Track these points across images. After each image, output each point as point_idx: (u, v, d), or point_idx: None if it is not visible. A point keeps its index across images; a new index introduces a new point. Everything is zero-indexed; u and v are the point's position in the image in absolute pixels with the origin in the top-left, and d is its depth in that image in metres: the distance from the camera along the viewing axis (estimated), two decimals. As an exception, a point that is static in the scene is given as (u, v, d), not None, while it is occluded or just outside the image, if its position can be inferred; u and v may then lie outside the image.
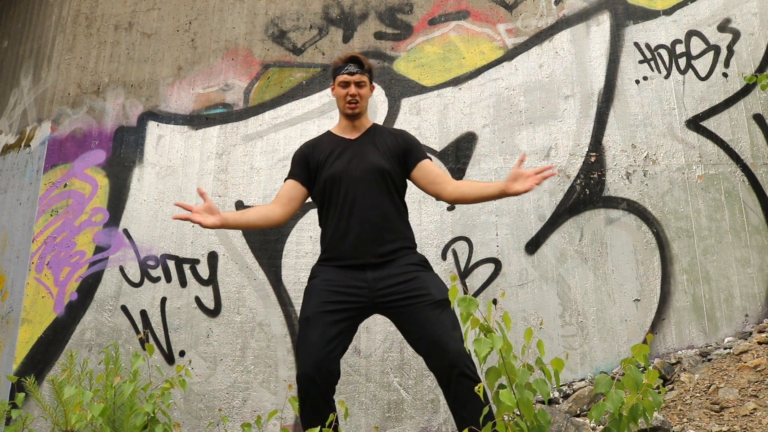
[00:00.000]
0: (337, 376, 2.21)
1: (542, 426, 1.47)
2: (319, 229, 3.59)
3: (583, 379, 3.35)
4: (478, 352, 1.50)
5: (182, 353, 3.64)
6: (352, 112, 2.50)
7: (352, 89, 2.48)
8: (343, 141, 2.53)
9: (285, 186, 2.58)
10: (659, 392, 1.53)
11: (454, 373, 2.08)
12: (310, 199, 2.65)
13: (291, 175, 2.57)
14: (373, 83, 2.63)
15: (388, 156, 2.47)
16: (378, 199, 2.39)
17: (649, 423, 1.50)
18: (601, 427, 2.66)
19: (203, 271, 3.75)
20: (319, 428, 1.80)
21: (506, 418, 1.53)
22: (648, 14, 3.90)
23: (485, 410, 1.69)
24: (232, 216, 2.46)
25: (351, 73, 2.48)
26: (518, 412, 1.51)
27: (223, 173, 3.91)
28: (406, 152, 2.51)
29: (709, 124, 3.71)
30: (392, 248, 2.35)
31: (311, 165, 2.52)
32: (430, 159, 2.57)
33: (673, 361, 3.28)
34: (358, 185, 2.39)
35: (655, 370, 1.51)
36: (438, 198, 2.54)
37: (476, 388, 1.59)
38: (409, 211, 2.59)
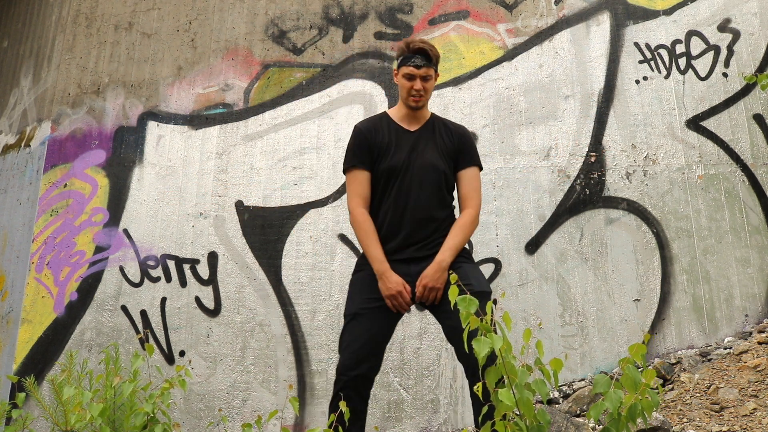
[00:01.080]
0: (378, 370, 2.24)
1: (542, 426, 1.47)
2: (319, 230, 3.60)
3: (583, 379, 3.35)
4: (478, 351, 1.50)
5: (182, 353, 3.64)
6: (416, 106, 2.42)
7: (418, 84, 2.37)
8: (403, 132, 2.45)
9: (361, 181, 2.40)
10: (657, 392, 1.53)
11: (472, 371, 2.09)
12: (308, 199, 2.64)
13: (361, 163, 2.40)
14: (438, 71, 2.49)
15: (444, 154, 2.42)
16: (431, 198, 2.37)
17: (647, 423, 1.51)
18: (600, 426, 2.66)
19: (203, 271, 3.75)
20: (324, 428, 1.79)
21: (505, 417, 1.53)
22: (648, 14, 3.90)
23: (484, 410, 1.69)
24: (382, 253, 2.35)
25: (418, 66, 2.37)
26: (518, 412, 1.51)
27: (223, 173, 3.91)
28: (459, 154, 2.45)
29: (709, 124, 3.71)
30: (437, 243, 2.34)
31: (374, 151, 2.41)
32: (480, 168, 2.50)
33: (673, 361, 3.28)
34: (413, 181, 2.36)
35: (653, 370, 1.51)
36: None
37: (475, 388, 1.59)
38: None
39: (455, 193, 2.52)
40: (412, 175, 2.36)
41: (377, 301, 2.28)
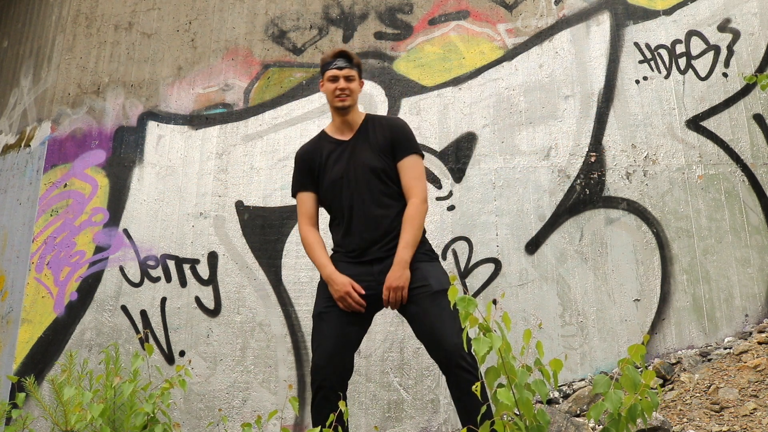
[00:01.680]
0: (350, 370, 2.28)
1: (541, 426, 1.47)
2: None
3: (583, 379, 3.35)
4: (477, 351, 1.50)
5: (182, 353, 3.64)
6: (342, 105, 2.48)
7: (342, 83, 2.47)
8: (337, 143, 2.54)
9: (305, 201, 2.55)
10: (656, 393, 1.54)
11: (451, 365, 2.15)
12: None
13: (302, 187, 2.56)
14: (362, 79, 2.62)
15: (380, 152, 2.47)
16: (377, 197, 2.42)
17: (647, 423, 1.51)
18: (600, 427, 2.66)
19: (203, 271, 3.75)
20: (320, 429, 1.80)
21: (505, 417, 1.53)
22: (648, 14, 3.90)
23: (483, 409, 1.69)
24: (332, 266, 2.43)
25: (340, 68, 2.49)
26: (518, 412, 1.51)
27: (223, 173, 3.91)
28: (393, 146, 2.49)
29: (709, 124, 3.71)
30: (394, 239, 2.38)
31: (314, 172, 2.54)
32: (418, 154, 2.51)
33: (673, 361, 3.28)
34: (356, 187, 2.42)
35: (653, 371, 1.52)
36: None
37: (473, 387, 1.59)
38: None
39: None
40: (350, 182, 2.43)
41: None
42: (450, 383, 2.22)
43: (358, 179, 2.43)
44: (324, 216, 2.64)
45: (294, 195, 2.60)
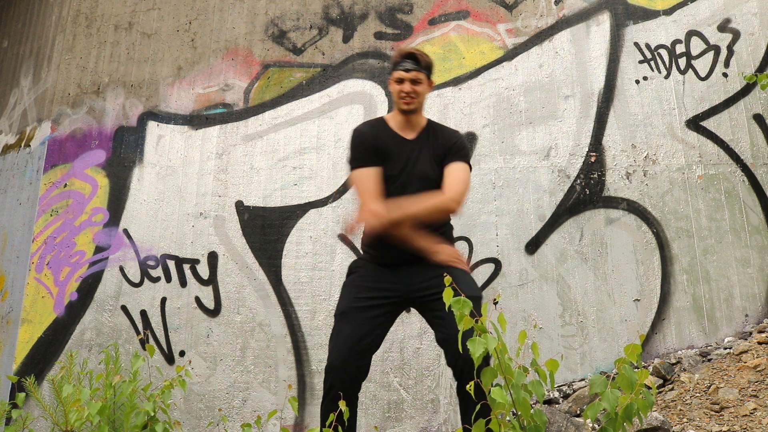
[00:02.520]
0: (365, 373, 2.24)
1: (539, 426, 1.48)
2: (319, 230, 3.61)
3: (583, 379, 3.35)
4: (473, 352, 1.51)
5: (182, 353, 3.64)
6: (407, 108, 2.43)
7: (407, 86, 2.41)
8: (401, 140, 2.46)
9: (372, 178, 2.37)
10: (652, 391, 1.54)
11: (466, 371, 2.11)
12: (305, 199, 2.64)
13: (370, 163, 2.39)
14: (431, 79, 2.51)
15: (437, 162, 2.44)
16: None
17: (642, 422, 1.51)
18: (599, 426, 2.66)
19: (203, 271, 3.75)
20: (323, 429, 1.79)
21: (501, 416, 1.53)
22: (648, 14, 3.90)
23: (477, 408, 1.69)
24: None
25: (407, 70, 2.42)
26: (515, 412, 1.51)
27: (223, 173, 3.91)
28: (447, 153, 2.45)
29: (709, 124, 3.71)
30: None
31: (378, 152, 2.42)
32: (468, 164, 2.48)
33: (673, 361, 3.28)
34: (405, 190, 2.37)
35: (647, 370, 1.52)
36: None
37: (467, 387, 1.59)
38: None
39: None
40: (405, 185, 2.38)
41: (367, 300, 2.30)
42: (459, 392, 2.18)
43: (412, 184, 2.38)
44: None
45: (355, 170, 2.41)
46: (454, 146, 2.48)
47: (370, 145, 2.42)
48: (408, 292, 2.32)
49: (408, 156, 2.42)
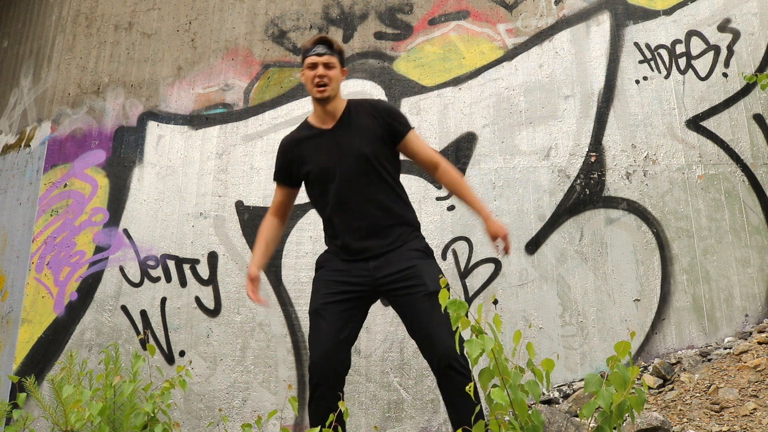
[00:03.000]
0: (347, 366, 2.25)
1: (536, 426, 1.48)
2: (319, 230, 3.58)
3: (583, 379, 3.35)
4: (470, 353, 1.51)
5: (182, 353, 3.64)
6: (321, 96, 2.35)
7: (320, 70, 2.33)
8: (320, 132, 2.42)
9: (277, 193, 2.59)
10: (642, 386, 1.56)
11: (442, 365, 2.13)
12: (306, 199, 2.65)
13: (276, 179, 2.57)
14: (345, 67, 2.47)
15: (370, 138, 2.36)
16: (370, 188, 2.34)
17: (634, 419, 1.53)
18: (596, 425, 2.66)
19: (203, 271, 3.75)
20: (321, 427, 1.80)
21: (499, 417, 1.53)
22: (648, 14, 3.90)
23: (476, 409, 1.70)
24: (263, 261, 2.54)
25: (319, 54, 2.34)
26: (512, 412, 1.52)
27: (223, 173, 3.91)
28: (389, 128, 2.40)
29: (709, 124, 3.71)
30: (393, 238, 2.34)
31: (294, 164, 2.47)
32: (412, 129, 2.46)
33: (673, 361, 3.28)
34: (345, 178, 2.33)
35: (637, 367, 1.54)
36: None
37: (467, 387, 1.60)
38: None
39: (400, 170, 2.53)
40: (341, 174, 2.33)
41: (338, 295, 2.31)
42: (441, 385, 2.19)
43: (348, 170, 2.31)
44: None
45: (275, 181, 2.60)
46: (393, 118, 2.43)
47: (285, 161, 2.50)
48: (375, 285, 2.31)
49: (333, 145, 2.38)
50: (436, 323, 2.16)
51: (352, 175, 2.33)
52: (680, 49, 3.83)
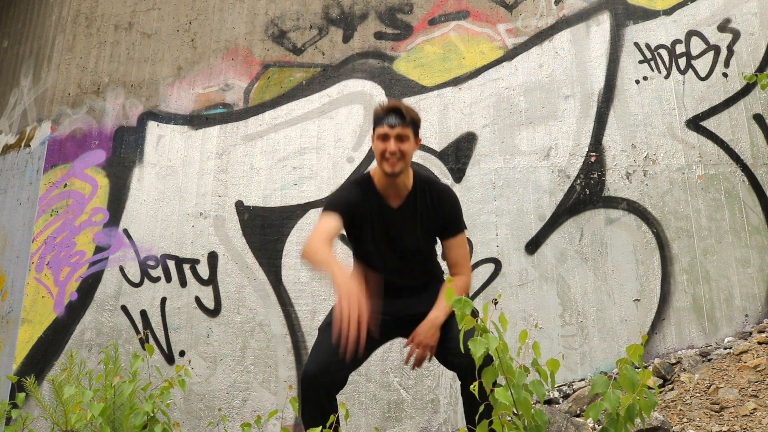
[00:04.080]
0: (341, 386, 2.17)
1: (540, 426, 1.48)
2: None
3: (583, 379, 3.35)
4: (474, 351, 1.50)
5: (182, 353, 3.64)
6: (392, 171, 2.19)
7: (392, 145, 2.16)
8: (386, 209, 2.30)
9: (332, 225, 2.19)
10: (654, 392, 1.54)
11: (470, 369, 2.07)
12: (305, 199, 2.64)
13: (336, 211, 2.23)
14: (419, 136, 2.31)
15: (427, 231, 2.34)
16: (410, 268, 2.37)
17: (645, 423, 1.51)
18: (600, 426, 2.66)
19: (203, 271, 3.75)
20: (320, 429, 1.80)
21: (503, 417, 1.53)
22: (648, 14, 3.90)
23: (480, 409, 1.69)
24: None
25: (391, 126, 2.17)
26: (516, 412, 1.52)
27: (223, 173, 3.91)
28: (446, 223, 2.36)
29: (709, 124, 3.71)
30: (426, 281, 2.39)
31: (354, 218, 2.28)
32: (465, 230, 2.44)
33: (673, 361, 3.28)
34: (393, 260, 2.32)
35: (650, 371, 1.52)
36: None
37: (471, 387, 1.59)
38: None
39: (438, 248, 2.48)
40: (390, 256, 2.31)
41: None
42: (467, 390, 2.13)
43: (399, 257, 2.32)
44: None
45: (325, 211, 2.25)
46: (452, 217, 2.36)
47: (348, 208, 2.26)
48: (401, 317, 2.28)
49: (395, 228, 2.29)
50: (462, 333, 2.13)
51: (400, 260, 2.34)
52: (680, 49, 3.83)
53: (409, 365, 2.27)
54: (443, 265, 2.58)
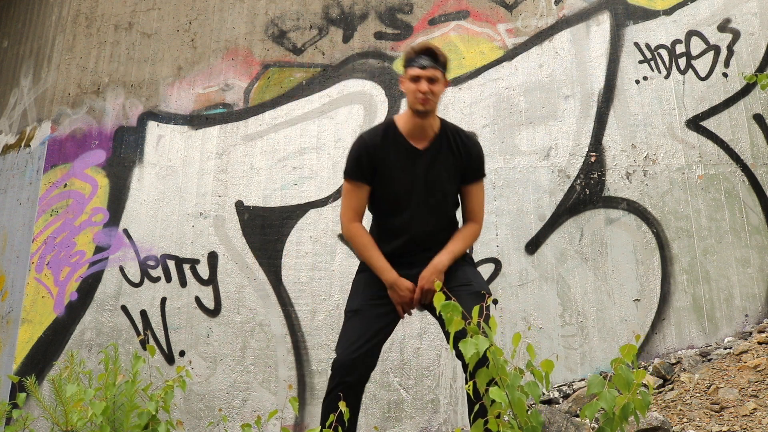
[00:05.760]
0: (372, 369, 2.23)
1: (535, 427, 1.48)
2: (319, 230, 3.59)
3: (583, 379, 3.35)
4: (465, 353, 1.51)
5: (182, 353, 3.64)
6: (423, 109, 2.24)
7: (423, 85, 2.22)
8: (411, 151, 2.32)
9: (357, 194, 2.34)
10: (648, 391, 1.55)
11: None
12: (305, 199, 2.64)
13: (361, 177, 2.32)
14: (447, 78, 2.34)
15: (453, 175, 2.36)
16: (435, 215, 2.36)
17: (639, 421, 1.52)
18: (597, 426, 2.66)
19: (203, 271, 3.75)
20: (319, 430, 1.80)
21: (497, 416, 1.53)
22: (648, 14, 3.90)
23: (475, 408, 1.69)
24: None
25: (423, 67, 2.23)
26: (511, 413, 1.52)
27: (223, 173, 3.91)
28: (468, 169, 2.38)
29: (709, 124, 3.71)
30: (440, 249, 2.34)
31: (377, 167, 2.32)
32: (484, 178, 2.46)
33: (673, 361, 3.28)
34: (422, 207, 2.33)
35: (644, 370, 1.53)
36: None
37: (466, 387, 1.60)
38: None
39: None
40: (417, 202, 2.32)
41: (380, 299, 2.29)
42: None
43: (427, 200, 2.32)
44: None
45: (347, 180, 2.35)
46: (477, 161, 2.39)
47: (367, 159, 2.31)
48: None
49: (419, 168, 2.31)
50: None
51: (425, 204, 2.34)
52: (680, 49, 3.83)
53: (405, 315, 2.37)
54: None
